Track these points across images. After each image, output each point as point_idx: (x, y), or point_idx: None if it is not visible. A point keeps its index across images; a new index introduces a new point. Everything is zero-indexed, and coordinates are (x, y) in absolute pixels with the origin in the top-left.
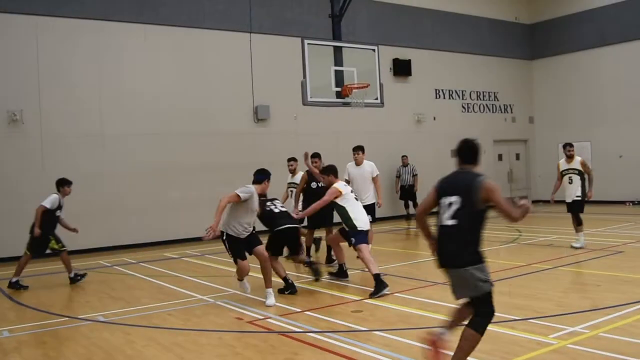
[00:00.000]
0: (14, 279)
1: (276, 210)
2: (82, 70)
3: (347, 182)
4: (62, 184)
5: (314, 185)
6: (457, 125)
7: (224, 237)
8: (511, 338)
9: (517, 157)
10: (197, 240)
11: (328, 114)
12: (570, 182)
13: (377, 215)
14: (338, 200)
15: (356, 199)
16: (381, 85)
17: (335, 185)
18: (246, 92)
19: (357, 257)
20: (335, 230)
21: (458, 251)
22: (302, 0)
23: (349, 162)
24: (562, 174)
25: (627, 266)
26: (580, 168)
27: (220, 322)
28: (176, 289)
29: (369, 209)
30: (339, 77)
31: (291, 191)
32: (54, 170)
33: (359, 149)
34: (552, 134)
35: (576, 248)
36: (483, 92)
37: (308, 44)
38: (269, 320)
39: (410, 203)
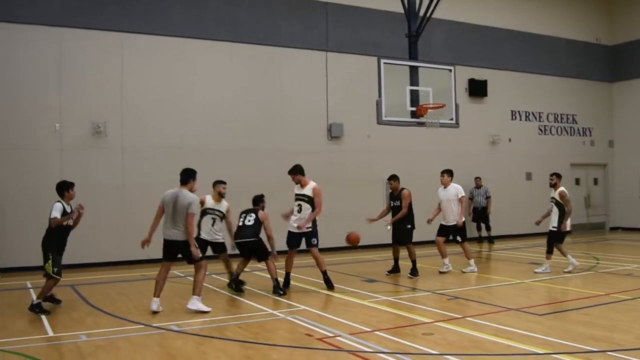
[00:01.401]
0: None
1: (240, 224)
2: (163, 85)
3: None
4: (65, 188)
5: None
6: (533, 148)
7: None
8: None
9: (595, 181)
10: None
11: (402, 133)
12: (550, 211)
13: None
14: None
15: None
16: (456, 106)
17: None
18: (321, 110)
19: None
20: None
21: None
22: (379, 20)
23: (423, 181)
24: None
25: None
26: (558, 198)
27: (290, 337)
28: (247, 302)
29: (454, 228)
30: (414, 97)
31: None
32: (132, 181)
33: (444, 172)
34: (632, 158)
35: (537, 273)
36: (561, 115)
37: (384, 63)
38: (338, 338)
39: (483, 225)
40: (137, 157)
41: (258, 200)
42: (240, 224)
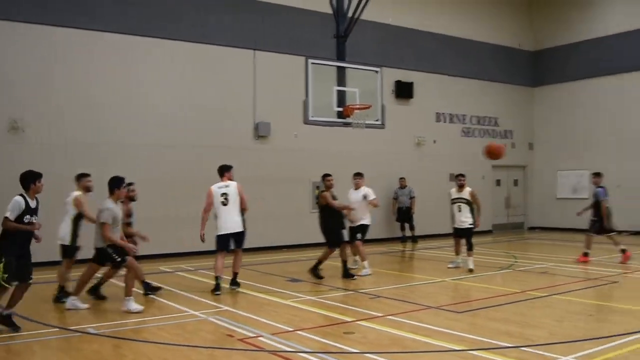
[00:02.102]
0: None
1: None
2: (94, 82)
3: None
4: (32, 179)
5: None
6: (456, 149)
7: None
8: None
9: (515, 183)
10: (193, 254)
11: (329, 133)
12: (459, 211)
13: (373, 237)
14: None
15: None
16: (383, 107)
17: None
18: (248, 108)
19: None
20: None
21: None
22: (308, 19)
23: (347, 180)
24: (452, 202)
25: (621, 296)
26: (469, 198)
27: (211, 338)
28: (169, 303)
29: (360, 228)
30: (341, 97)
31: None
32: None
33: (357, 175)
34: (550, 161)
35: (471, 270)
36: (484, 117)
37: (312, 63)
38: (260, 338)
39: (407, 225)
40: (55, 154)
41: None
42: None
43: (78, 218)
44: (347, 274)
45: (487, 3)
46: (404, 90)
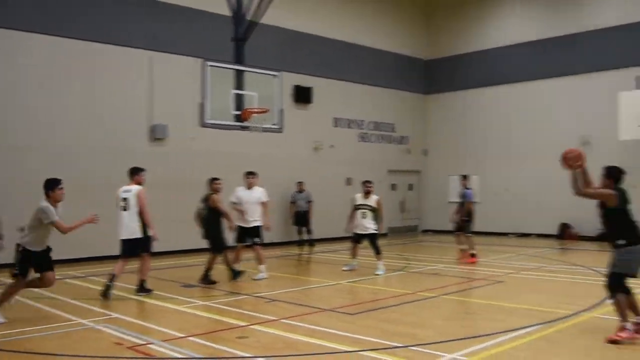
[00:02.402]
0: None
1: None
2: None
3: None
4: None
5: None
6: (353, 154)
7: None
8: None
9: (410, 187)
10: (80, 261)
11: (227, 136)
12: (364, 217)
13: (270, 240)
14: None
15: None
16: (281, 111)
17: None
18: (143, 110)
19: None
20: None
21: None
22: (206, 21)
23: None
24: (356, 208)
25: (505, 296)
26: (374, 205)
27: (97, 347)
28: (55, 312)
29: (255, 230)
30: (240, 101)
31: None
32: None
33: (251, 174)
34: (443, 166)
35: (379, 275)
36: (380, 123)
37: (209, 65)
38: (150, 345)
39: (304, 229)
40: None
41: None
42: None
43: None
44: (236, 274)
45: (386, 12)
46: (302, 95)
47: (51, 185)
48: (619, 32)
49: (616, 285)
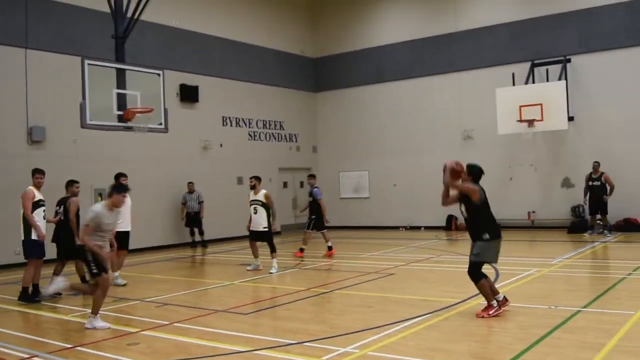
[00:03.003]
0: None
1: None
2: None
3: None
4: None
5: None
6: (243, 153)
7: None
8: None
9: (301, 184)
10: None
11: (110, 138)
12: (255, 213)
13: (162, 243)
14: None
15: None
16: (166, 111)
17: None
18: (20, 111)
19: None
20: None
21: None
22: (84, 18)
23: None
24: (250, 205)
25: (396, 287)
26: (263, 200)
27: None
28: None
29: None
30: (122, 101)
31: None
32: None
33: (122, 176)
34: (334, 163)
35: (272, 273)
36: (269, 121)
37: (88, 64)
38: (34, 359)
39: (196, 230)
40: None
41: None
42: None
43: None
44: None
45: (272, 11)
46: (189, 94)
47: None
48: (495, 31)
49: (478, 272)
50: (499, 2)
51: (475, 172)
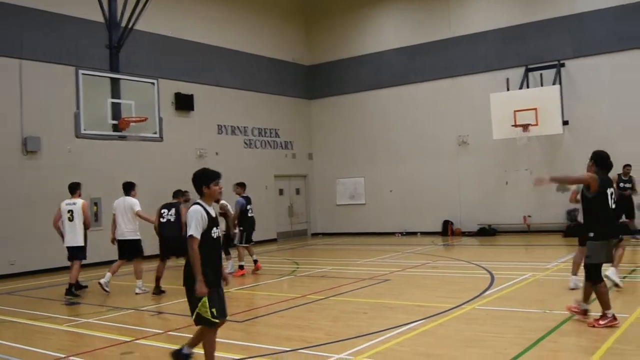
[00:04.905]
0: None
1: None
2: None
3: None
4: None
5: None
6: (239, 161)
7: None
8: None
9: (297, 191)
10: None
11: (105, 147)
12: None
13: (157, 252)
14: None
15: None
16: (160, 119)
17: None
18: (15, 122)
19: None
20: None
21: None
22: (78, 28)
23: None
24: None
25: (392, 293)
26: (220, 210)
27: None
28: None
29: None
30: (116, 110)
31: None
32: None
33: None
34: (329, 170)
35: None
36: (265, 129)
37: (82, 73)
38: None
39: None
40: None
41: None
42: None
43: None
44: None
45: (266, 19)
46: (184, 103)
47: None
48: (489, 37)
49: (594, 274)
50: (493, 8)
51: (597, 159)
